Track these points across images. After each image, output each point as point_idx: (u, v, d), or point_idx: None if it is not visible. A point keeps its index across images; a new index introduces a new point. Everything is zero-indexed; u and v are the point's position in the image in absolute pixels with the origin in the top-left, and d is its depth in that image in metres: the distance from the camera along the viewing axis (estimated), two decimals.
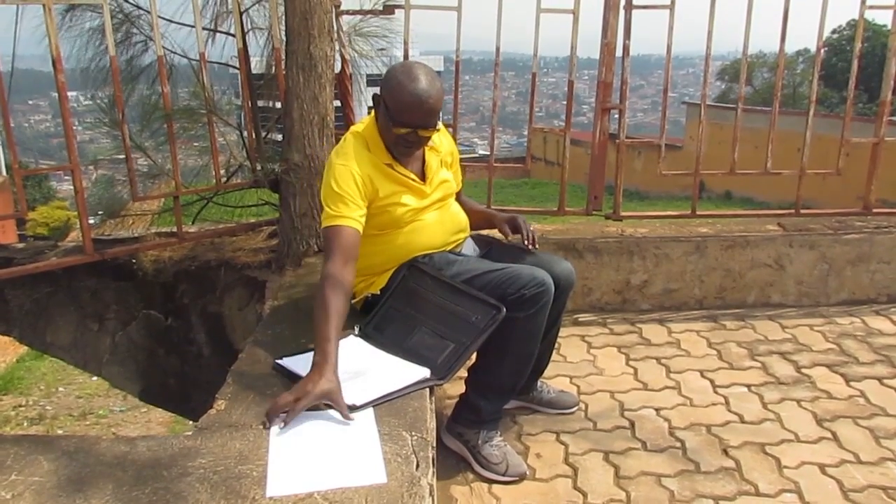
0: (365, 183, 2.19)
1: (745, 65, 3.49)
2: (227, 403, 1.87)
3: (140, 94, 3.38)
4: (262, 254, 3.26)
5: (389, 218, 2.27)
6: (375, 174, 2.23)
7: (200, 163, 3.46)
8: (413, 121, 2.15)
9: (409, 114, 2.14)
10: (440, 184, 2.37)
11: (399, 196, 2.27)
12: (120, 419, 9.06)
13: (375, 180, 2.22)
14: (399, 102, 2.14)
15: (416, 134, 2.18)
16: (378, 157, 2.25)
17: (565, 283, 2.30)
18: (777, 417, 2.59)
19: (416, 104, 2.12)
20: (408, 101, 2.12)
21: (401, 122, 2.15)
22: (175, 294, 3.43)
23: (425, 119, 2.16)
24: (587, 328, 3.34)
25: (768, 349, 3.12)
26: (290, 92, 2.93)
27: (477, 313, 2.09)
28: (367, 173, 2.20)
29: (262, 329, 2.35)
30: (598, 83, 3.42)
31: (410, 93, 2.12)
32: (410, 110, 2.13)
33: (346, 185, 2.15)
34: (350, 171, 2.17)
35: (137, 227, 3.50)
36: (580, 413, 2.64)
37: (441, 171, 2.38)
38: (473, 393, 2.29)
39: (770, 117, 3.47)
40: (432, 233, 2.34)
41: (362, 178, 2.18)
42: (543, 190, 17.45)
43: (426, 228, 2.33)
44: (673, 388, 2.81)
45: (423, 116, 2.15)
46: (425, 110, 2.14)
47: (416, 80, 2.12)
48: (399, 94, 2.13)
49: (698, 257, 3.49)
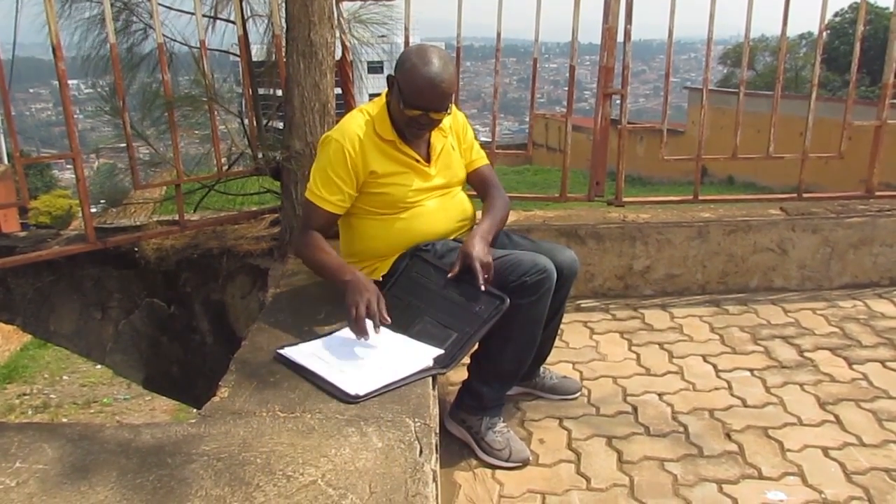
0: (356, 162, 2.22)
1: (747, 49, 3.46)
2: (231, 391, 1.88)
3: (141, 82, 3.37)
4: (264, 242, 3.26)
5: (390, 198, 2.28)
6: (373, 151, 2.24)
7: (202, 151, 3.45)
8: (425, 103, 2.17)
9: (421, 96, 2.15)
10: (444, 168, 2.36)
11: (401, 176, 2.28)
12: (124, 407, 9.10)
13: (371, 157, 2.24)
14: (412, 85, 2.15)
15: (428, 116, 2.20)
16: (382, 134, 2.26)
17: (568, 272, 2.30)
18: (780, 401, 2.59)
19: (429, 87, 2.14)
20: (420, 83, 2.14)
21: (413, 104, 2.17)
22: (178, 282, 3.43)
23: (437, 102, 2.17)
24: (590, 314, 3.34)
25: (771, 333, 3.12)
26: (291, 79, 2.92)
27: (481, 303, 2.09)
28: (363, 150, 2.23)
29: (264, 317, 2.35)
30: (600, 68, 3.41)
31: (423, 76, 2.13)
32: (423, 93, 2.15)
33: (337, 164, 2.22)
34: (343, 149, 2.21)
35: (139, 216, 3.50)
36: (583, 399, 2.64)
37: (447, 155, 2.38)
38: (476, 379, 2.29)
39: (772, 101, 3.45)
40: (434, 219, 2.34)
41: (354, 157, 2.22)
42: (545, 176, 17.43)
43: (428, 214, 2.33)
44: (675, 374, 2.81)
45: (436, 99, 2.16)
46: (438, 93, 2.15)
47: (430, 64, 2.14)
48: (412, 77, 2.15)
49: (700, 242, 3.48)
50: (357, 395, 1.82)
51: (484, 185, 2.48)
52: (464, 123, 2.50)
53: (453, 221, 2.39)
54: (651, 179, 17.05)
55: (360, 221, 2.34)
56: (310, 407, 1.79)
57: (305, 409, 1.79)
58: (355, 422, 1.73)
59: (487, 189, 2.47)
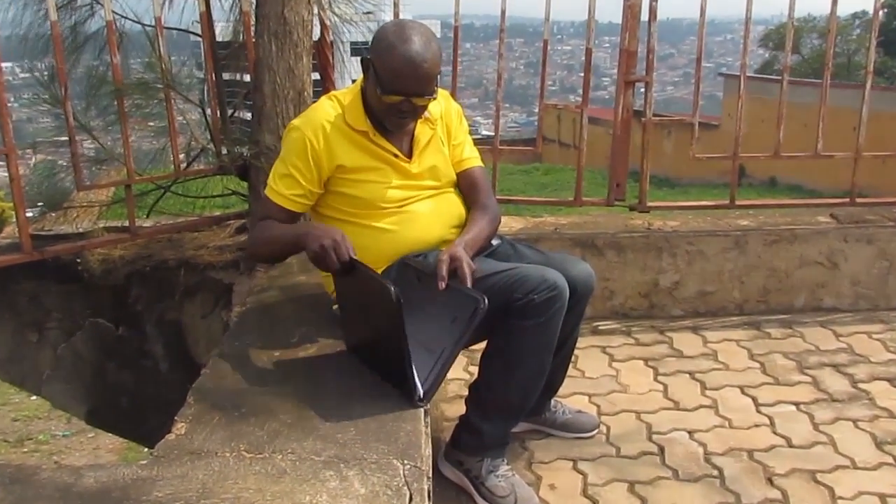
0: (318, 154, 2.24)
1: (791, 30, 3.48)
2: (189, 427, 1.87)
3: (86, 65, 3.37)
4: (229, 252, 3.26)
5: (365, 198, 2.28)
6: (342, 143, 2.25)
7: (156, 146, 3.45)
8: (405, 87, 2.16)
9: (401, 80, 2.14)
10: (431, 165, 2.36)
11: (375, 172, 2.28)
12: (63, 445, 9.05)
13: (339, 150, 2.25)
14: (390, 67, 2.14)
15: (410, 102, 2.19)
16: (353, 123, 2.27)
17: (583, 288, 2.30)
18: (830, 440, 2.60)
19: (409, 69, 2.13)
20: (399, 65, 2.13)
21: (392, 89, 2.16)
22: (127, 299, 3.42)
23: (419, 85, 2.16)
24: (608, 338, 3.35)
25: (819, 361, 3.12)
26: (262, 63, 2.92)
27: (456, 310, 2.01)
28: (328, 141, 2.24)
29: (228, 340, 2.34)
30: (621, 52, 3.42)
31: (402, 56, 2.12)
32: (402, 76, 2.14)
33: (296, 155, 2.25)
34: (304, 139, 2.23)
35: (83, 222, 3.49)
36: (600, 437, 2.64)
37: (435, 149, 2.38)
38: (475, 414, 2.29)
39: (821, 91, 3.46)
40: (426, 224, 2.33)
41: (317, 148, 2.23)
42: (557, 176, 17.43)
43: (419, 220, 2.32)
44: (709, 408, 2.81)
45: (417, 82, 2.15)
46: (420, 75, 2.14)
47: (409, 42, 2.12)
48: (390, 58, 2.14)
49: (738, 254, 3.49)
50: (420, 398, 1.91)
51: (473, 190, 2.44)
52: (458, 114, 2.50)
53: (447, 227, 2.37)
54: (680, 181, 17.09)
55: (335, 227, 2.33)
56: (281, 446, 1.79)
57: (276, 448, 1.78)
58: (334, 464, 1.73)
59: (476, 196, 2.42)
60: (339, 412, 1.91)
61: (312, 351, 2.19)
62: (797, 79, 14.51)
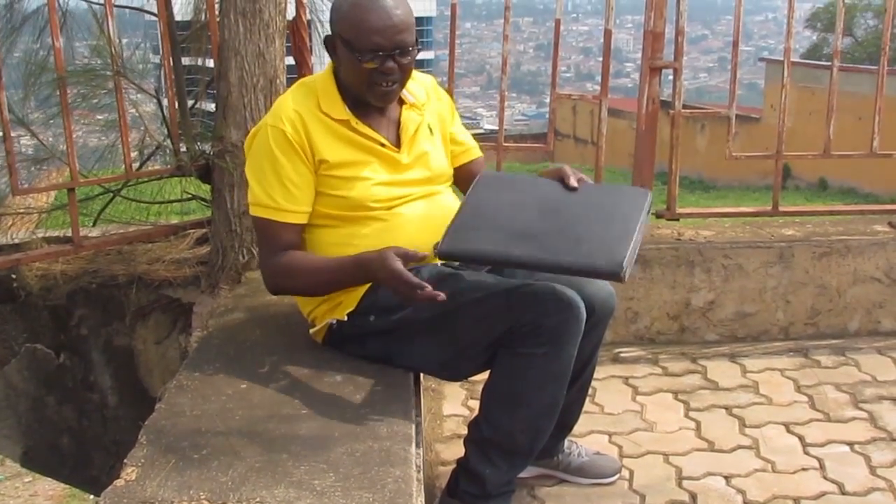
0: (304, 146, 2.23)
1: (842, 8, 3.50)
2: (140, 471, 1.86)
3: (24, 49, 3.38)
4: (188, 266, 3.26)
5: (348, 200, 2.27)
6: (321, 134, 2.25)
7: (105, 142, 3.45)
8: (383, 42, 2.17)
9: (376, 35, 2.17)
10: (422, 157, 2.36)
11: (361, 167, 2.28)
12: None
13: (320, 142, 2.25)
14: (360, 27, 2.17)
15: (393, 60, 2.20)
16: (331, 112, 2.27)
17: (602, 309, 2.30)
18: (889, 486, 2.59)
19: (382, 20, 2.16)
20: (371, 20, 2.16)
21: (369, 47, 2.18)
22: (70, 321, 3.42)
23: (397, 38, 2.18)
24: (632, 367, 3.35)
25: (877, 393, 3.12)
26: (227, 46, 2.93)
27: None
28: (307, 131, 2.24)
29: (187, 369, 2.34)
30: (645, 33, 3.43)
31: (370, 8, 2.16)
32: (377, 30, 2.16)
33: (284, 156, 2.22)
34: (284, 134, 2.21)
35: (19, 231, 3.49)
36: (623, 483, 2.64)
37: (424, 138, 2.38)
38: (476, 457, 2.28)
39: (877, 79, 3.48)
40: (417, 229, 2.32)
41: (301, 139, 2.23)
42: None
43: (407, 225, 2.31)
44: (749, 449, 2.81)
45: (396, 33, 2.18)
46: (395, 24, 2.17)
47: None
48: (357, 17, 2.17)
49: (782, 269, 3.49)
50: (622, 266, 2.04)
51: None
52: (448, 102, 2.52)
53: (438, 235, 2.36)
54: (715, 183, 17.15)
55: (313, 234, 2.33)
56: (247, 495, 1.78)
57: (241, 497, 1.77)
58: None
59: None
60: (316, 455, 1.90)
61: (285, 383, 2.19)
62: (850, 65, 14.57)
